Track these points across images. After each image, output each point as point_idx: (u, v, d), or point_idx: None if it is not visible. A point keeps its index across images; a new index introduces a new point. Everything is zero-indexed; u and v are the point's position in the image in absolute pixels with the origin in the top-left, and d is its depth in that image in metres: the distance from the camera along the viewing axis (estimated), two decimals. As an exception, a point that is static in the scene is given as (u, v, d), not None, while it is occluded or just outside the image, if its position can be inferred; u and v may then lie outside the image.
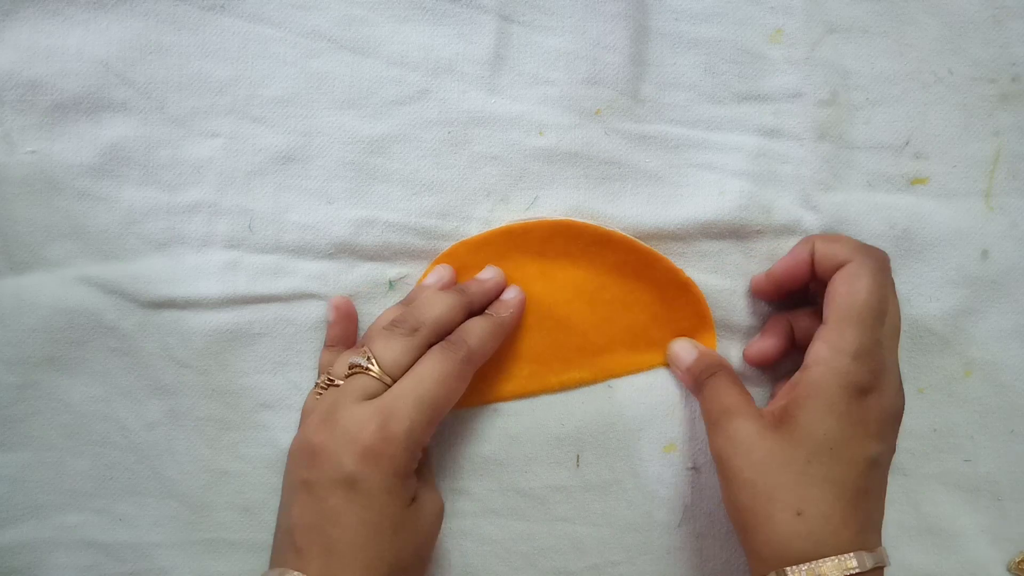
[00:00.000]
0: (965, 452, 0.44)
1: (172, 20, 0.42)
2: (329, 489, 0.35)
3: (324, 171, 0.43)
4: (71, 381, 0.42)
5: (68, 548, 0.42)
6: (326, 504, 0.35)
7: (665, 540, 0.43)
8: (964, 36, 0.44)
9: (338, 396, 0.37)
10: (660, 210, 0.43)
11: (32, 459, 0.42)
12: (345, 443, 0.35)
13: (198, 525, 0.43)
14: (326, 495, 0.35)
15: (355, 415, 0.35)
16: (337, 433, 0.35)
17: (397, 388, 0.36)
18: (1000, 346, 0.44)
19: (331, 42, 0.43)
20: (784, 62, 0.43)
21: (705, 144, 0.43)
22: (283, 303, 0.42)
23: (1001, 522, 0.43)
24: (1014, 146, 0.44)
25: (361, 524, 0.34)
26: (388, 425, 0.35)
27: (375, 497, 0.34)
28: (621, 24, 0.43)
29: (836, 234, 0.42)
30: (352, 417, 0.35)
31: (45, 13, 0.42)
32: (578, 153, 0.43)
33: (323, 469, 0.35)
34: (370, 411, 0.35)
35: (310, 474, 0.35)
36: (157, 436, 0.42)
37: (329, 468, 0.35)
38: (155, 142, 0.42)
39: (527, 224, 0.42)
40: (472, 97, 0.43)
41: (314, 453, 0.36)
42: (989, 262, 0.44)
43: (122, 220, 0.42)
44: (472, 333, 0.39)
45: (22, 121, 0.42)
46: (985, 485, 0.44)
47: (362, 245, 0.42)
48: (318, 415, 0.37)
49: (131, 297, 0.42)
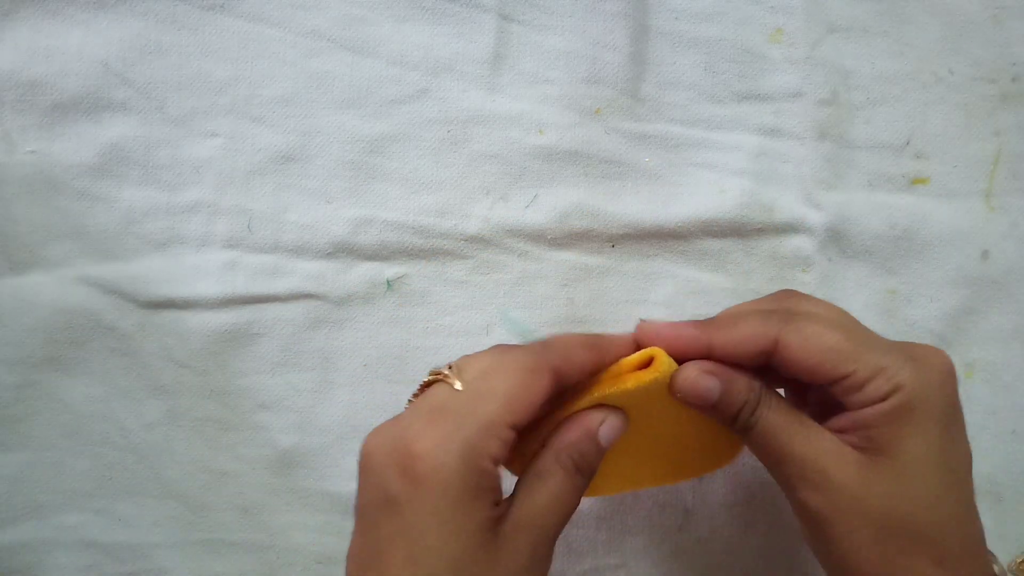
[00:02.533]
0: (966, 453, 0.44)
1: (172, 20, 0.42)
2: (375, 515, 0.29)
3: (323, 170, 0.43)
4: (71, 381, 0.42)
5: (68, 548, 0.42)
6: (375, 534, 0.29)
7: (665, 544, 0.43)
8: (964, 36, 0.44)
9: (408, 406, 0.32)
10: (660, 208, 0.43)
11: (32, 459, 0.42)
12: (390, 456, 0.29)
13: (197, 525, 0.43)
14: (374, 522, 0.29)
15: (408, 424, 0.29)
16: (386, 445, 0.29)
17: (463, 393, 0.30)
18: (1001, 346, 0.44)
19: (331, 42, 0.43)
20: (784, 62, 0.43)
21: (705, 143, 0.43)
22: (282, 303, 0.42)
23: (1001, 522, 0.43)
24: (1015, 146, 0.44)
25: (407, 560, 0.28)
26: (441, 434, 0.28)
27: (424, 526, 0.28)
28: (621, 23, 0.43)
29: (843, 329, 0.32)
30: (404, 426, 0.29)
31: (45, 13, 0.42)
32: (578, 152, 0.43)
33: (368, 489, 0.29)
34: (424, 419, 0.29)
35: (360, 496, 0.30)
36: (156, 436, 0.42)
37: (374, 488, 0.29)
38: (155, 142, 0.42)
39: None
40: (472, 96, 0.43)
41: (362, 470, 0.30)
42: (990, 262, 0.44)
43: (122, 220, 0.42)
44: (560, 340, 0.33)
45: (22, 121, 0.42)
46: (986, 485, 0.44)
47: (361, 244, 0.42)
48: (378, 427, 0.31)
49: (130, 297, 0.42)
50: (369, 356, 0.43)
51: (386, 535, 0.28)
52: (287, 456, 0.43)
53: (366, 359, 0.43)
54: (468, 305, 0.43)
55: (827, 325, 0.31)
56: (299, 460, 0.43)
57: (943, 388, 0.30)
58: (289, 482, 0.43)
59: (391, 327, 0.43)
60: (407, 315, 0.43)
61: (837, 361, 0.30)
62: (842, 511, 0.30)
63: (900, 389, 0.30)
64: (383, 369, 0.43)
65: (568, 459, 0.31)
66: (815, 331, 0.31)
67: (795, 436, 0.31)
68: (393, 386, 0.43)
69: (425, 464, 0.28)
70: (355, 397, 0.43)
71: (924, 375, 0.30)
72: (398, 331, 0.43)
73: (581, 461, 0.31)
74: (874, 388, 0.30)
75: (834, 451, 0.31)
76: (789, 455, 0.31)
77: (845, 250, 0.43)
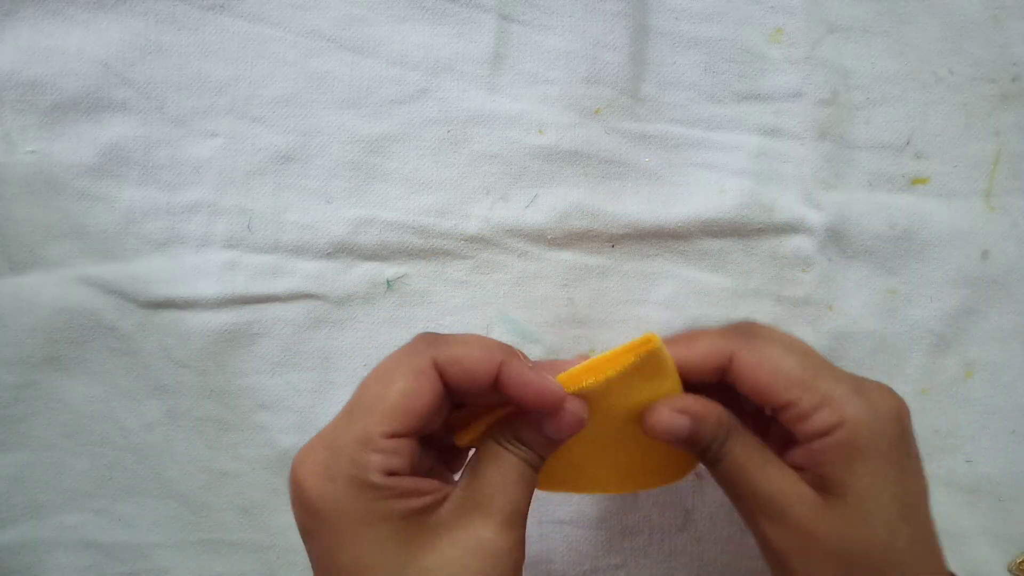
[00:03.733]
0: (966, 453, 0.44)
1: (172, 20, 0.42)
2: (303, 539, 0.30)
3: (323, 170, 0.43)
4: (71, 381, 0.42)
5: (68, 548, 0.42)
6: (309, 555, 0.30)
7: (665, 544, 0.43)
8: (965, 36, 0.44)
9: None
10: (660, 208, 0.43)
11: (32, 459, 0.42)
12: (292, 489, 0.30)
13: (197, 525, 0.43)
14: (305, 546, 0.30)
15: (303, 454, 0.30)
16: (291, 477, 0.30)
17: (345, 412, 0.30)
18: (1001, 346, 0.44)
19: (331, 42, 0.43)
20: (784, 62, 0.43)
21: (705, 143, 0.43)
22: (282, 303, 0.42)
23: (1002, 523, 0.43)
24: (1015, 146, 0.44)
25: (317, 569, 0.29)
26: (321, 462, 0.29)
27: (335, 548, 0.28)
28: (621, 23, 0.43)
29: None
30: (300, 458, 0.30)
31: (45, 13, 0.42)
32: (578, 152, 0.43)
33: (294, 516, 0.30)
34: (314, 445, 0.30)
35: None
36: (156, 436, 0.42)
37: (295, 516, 0.30)
38: (155, 142, 0.42)
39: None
40: (472, 96, 0.43)
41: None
42: (990, 262, 0.44)
43: (122, 220, 0.42)
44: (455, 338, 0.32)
45: (22, 121, 0.42)
46: (986, 486, 0.44)
47: (361, 244, 0.42)
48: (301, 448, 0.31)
49: (130, 297, 0.42)
50: (369, 356, 0.43)
51: (313, 557, 0.29)
52: (287, 456, 0.43)
53: (366, 359, 0.43)
54: (468, 305, 0.43)
55: (784, 349, 0.32)
56: (299, 460, 0.43)
57: (891, 425, 0.31)
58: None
59: (391, 327, 0.43)
60: (407, 315, 0.43)
61: (787, 384, 0.31)
62: (801, 548, 0.31)
63: (843, 424, 0.30)
64: (383, 369, 0.43)
65: (514, 439, 0.31)
66: (771, 353, 0.32)
67: (759, 473, 0.32)
68: (393, 386, 0.43)
69: (313, 496, 0.28)
70: (355, 397, 0.43)
71: (870, 412, 0.31)
72: (398, 331, 0.43)
73: (526, 441, 0.31)
74: (820, 419, 0.31)
75: (793, 490, 0.31)
76: (753, 492, 0.32)
77: (845, 250, 0.43)
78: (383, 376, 0.30)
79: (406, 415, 0.28)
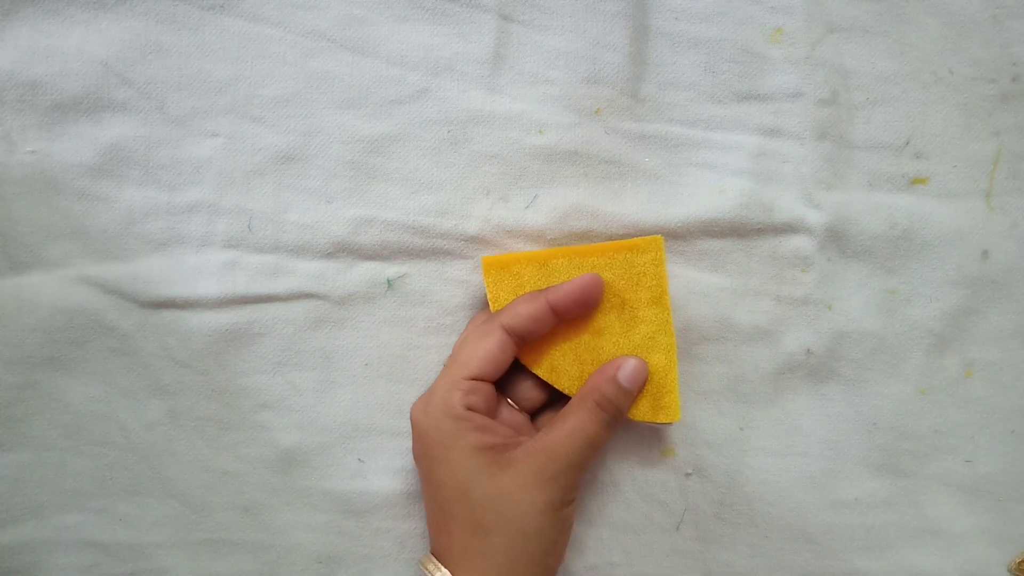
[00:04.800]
0: (966, 453, 0.44)
1: (172, 20, 0.42)
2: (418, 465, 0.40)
3: (323, 170, 0.43)
4: (71, 381, 0.42)
5: (68, 548, 0.42)
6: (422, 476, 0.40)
7: (664, 543, 0.43)
8: (964, 36, 0.44)
9: None
10: (660, 208, 0.43)
11: (32, 459, 0.42)
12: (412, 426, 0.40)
13: (198, 525, 0.43)
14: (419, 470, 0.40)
15: (417, 402, 0.40)
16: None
17: (445, 368, 0.40)
18: (1001, 346, 0.44)
19: (331, 42, 0.43)
20: (784, 62, 0.43)
21: (705, 143, 0.43)
22: (282, 303, 0.42)
23: (1001, 522, 0.43)
24: (1014, 146, 0.44)
25: (438, 480, 0.38)
26: (423, 402, 0.39)
27: (438, 459, 0.38)
28: (621, 23, 0.43)
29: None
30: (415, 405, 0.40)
31: (45, 13, 0.42)
32: (578, 152, 0.43)
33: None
34: (423, 395, 0.40)
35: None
36: (157, 436, 0.42)
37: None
38: (155, 142, 0.42)
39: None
40: (472, 96, 0.43)
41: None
42: (989, 262, 0.44)
43: (122, 220, 0.42)
44: (512, 306, 0.39)
45: (22, 121, 0.42)
46: (986, 486, 0.44)
47: (361, 244, 0.42)
48: None
49: (131, 297, 0.42)
50: (370, 355, 0.43)
51: (421, 476, 0.40)
52: (288, 456, 0.43)
53: (367, 358, 0.43)
54: (468, 305, 0.43)
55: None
56: (300, 460, 0.43)
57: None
58: (290, 482, 0.43)
59: (392, 326, 0.43)
60: (408, 315, 0.43)
61: None
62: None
63: None
64: (384, 368, 0.43)
65: (590, 399, 0.38)
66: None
67: None
68: (394, 385, 0.43)
69: (416, 426, 0.39)
70: (356, 396, 0.43)
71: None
72: (399, 330, 0.43)
73: (602, 400, 0.38)
74: None
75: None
76: None
77: (845, 250, 0.43)
78: (464, 341, 0.40)
79: (480, 362, 0.38)
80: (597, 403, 0.38)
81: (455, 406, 0.37)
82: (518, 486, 0.36)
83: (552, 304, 0.39)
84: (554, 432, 0.37)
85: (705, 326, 0.43)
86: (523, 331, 0.39)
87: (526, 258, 0.41)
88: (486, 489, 0.36)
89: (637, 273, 0.40)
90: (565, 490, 0.37)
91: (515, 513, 0.36)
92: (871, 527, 0.43)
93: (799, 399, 0.43)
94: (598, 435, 0.38)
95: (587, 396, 0.38)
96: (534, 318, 0.39)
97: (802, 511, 0.43)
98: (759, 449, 0.43)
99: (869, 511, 0.43)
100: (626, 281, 0.40)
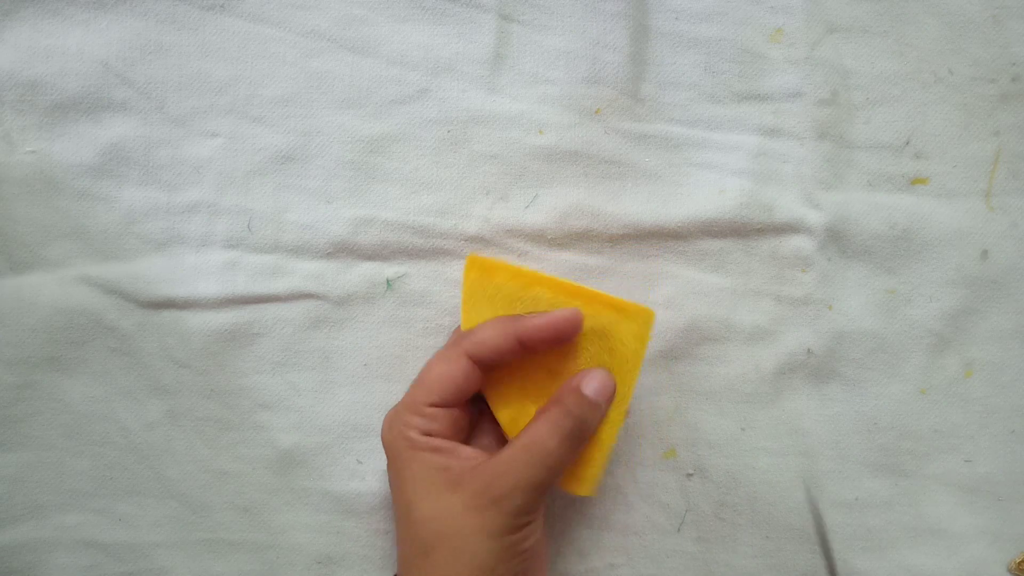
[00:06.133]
0: (966, 452, 0.44)
1: (172, 20, 0.42)
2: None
3: (323, 170, 0.43)
4: (71, 381, 0.42)
5: (68, 548, 0.42)
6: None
7: (665, 544, 0.43)
8: (964, 36, 0.44)
9: None
10: (660, 208, 0.43)
11: (32, 459, 0.42)
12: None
13: (198, 525, 0.43)
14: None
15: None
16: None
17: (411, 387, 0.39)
18: (1000, 346, 0.44)
19: (331, 42, 0.43)
20: (784, 62, 0.44)
21: (705, 143, 0.43)
22: (282, 303, 0.42)
23: (1001, 522, 0.43)
24: (1014, 146, 0.44)
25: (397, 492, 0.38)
26: (387, 419, 0.38)
27: (393, 473, 0.37)
28: (621, 23, 0.43)
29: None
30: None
31: (45, 13, 0.42)
32: (578, 152, 0.43)
33: None
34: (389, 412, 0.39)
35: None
36: (157, 436, 0.42)
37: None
38: (155, 142, 0.42)
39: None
40: (472, 96, 0.43)
41: None
42: (989, 262, 0.44)
43: (122, 220, 0.42)
44: (478, 328, 0.37)
45: (22, 121, 0.42)
46: (985, 485, 0.44)
47: (361, 244, 0.42)
48: None
49: (130, 297, 0.42)
50: (369, 356, 0.43)
51: (391, 488, 0.38)
52: (287, 456, 0.43)
53: (366, 359, 0.43)
54: (468, 305, 0.43)
55: None
56: (299, 460, 0.43)
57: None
58: (289, 482, 0.43)
59: (391, 327, 0.43)
60: (407, 315, 0.43)
61: None
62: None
63: None
64: (383, 369, 0.43)
65: (552, 411, 0.36)
66: None
67: None
68: (393, 385, 0.43)
69: (384, 442, 0.38)
70: (356, 397, 0.43)
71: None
72: (398, 331, 0.43)
73: (563, 413, 0.35)
74: None
75: None
76: None
77: (845, 250, 0.44)
78: (431, 364, 0.38)
79: (441, 389, 0.36)
80: (560, 416, 0.35)
81: (411, 430, 0.36)
82: (462, 507, 0.34)
83: (520, 336, 0.36)
84: (507, 449, 0.35)
85: (705, 326, 0.43)
86: (486, 360, 0.36)
87: (512, 272, 0.38)
88: (430, 509, 0.35)
89: (617, 336, 0.38)
90: (510, 514, 0.34)
91: (455, 537, 0.34)
92: (871, 527, 0.43)
93: (799, 399, 0.43)
94: (554, 452, 0.35)
95: (548, 409, 0.36)
96: (499, 349, 0.36)
97: (803, 511, 0.43)
98: (760, 449, 0.43)
99: (869, 511, 0.43)
100: (602, 340, 0.38)
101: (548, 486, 0.35)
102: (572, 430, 0.35)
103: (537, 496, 0.34)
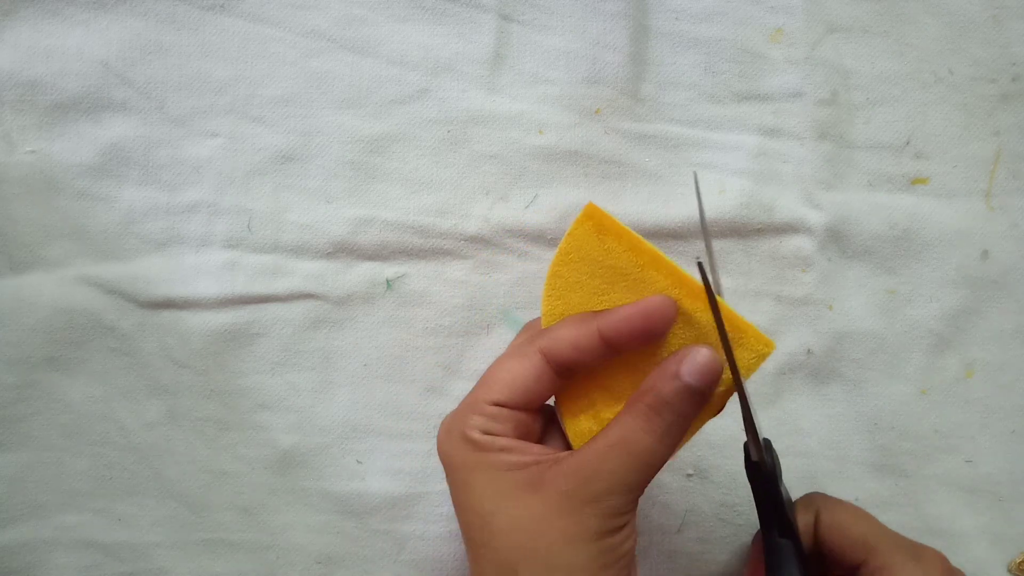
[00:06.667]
0: (966, 453, 0.44)
1: (172, 20, 0.42)
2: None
3: (323, 170, 0.43)
4: (71, 381, 0.42)
5: (68, 548, 0.42)
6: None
7: (665, 544, 0.43)
8: (964, 36, 0.44)
9: None
10: (660, 208, 0.43)
11: (32, 459, 0.42)
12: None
13: (197, 525, 0.43)
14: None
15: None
16: None
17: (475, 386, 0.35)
18: (1001, 346, 0.44)
19: (331, 42, 0.43)
20: (784, 62, 0.44)
21: (705, 143, 0.43)
22: (281, 303, 0.42)
23: (1002, 522, 0.43)
24: (1014, 146, 0.44)
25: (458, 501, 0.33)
26: (447, 422, 0.34)
27: (457, 481, 0.33)
28: (621, 23, 0.43)
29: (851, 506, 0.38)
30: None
31: (45, 13, 0.42)
32: (578, 152, 0.43)
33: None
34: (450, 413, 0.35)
35: None
36: (156, 436, 0.42)
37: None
38: (155, 142, 0.42)
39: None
40: (472, 96, 0.43)
41: None
42: (989, 262, 0.44)
43: (122, 220, 0.42)
44: (556, 327, 0.33)
45: (22, 121, 0.42)
46: (986, 485, 0.44)
47: (361, 244, 0.42)
48: None
49: (130, 297, 0.42)
50: (369, 356, 0.43)
51: (451, 496, 0.34)
52: (287, 456, 0.43)
53: (366, 359, 0.43)
54: (468, 305, 0.43)
55: (854, 516, 0.37)
56: (299, 460, 0.43)
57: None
58: (289, 482, 0.43)
59: (391, 327, 0.43)
60: (407, 315, 0.43)
61: (853, 548, 0.36)
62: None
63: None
64: (383, 369, 0.43)
65: (641, 403, 0.31)
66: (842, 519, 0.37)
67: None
68: (393, 386, 0.43)
69: (440, 448, 0.34)
70: (355, 397, 0.43)
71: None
72: (398, 331, 0.43)
73: (657, 402, 0.31)
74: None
75: None
76: None
77: (845, 250, 0.43)
78: (499, 360, 0.34)
79: (505, 387, 0.32)
80: (650, 407, 0.31)
81: (472, 430, 0.32)
82: (547, 511, 0.30)
83: (603, 331, 0.31)
84: (594, 445, 0.31)
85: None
86: (563, 358, 0.32)
87: (631, 242, 0.32)
88: (509, 519, 0.31)
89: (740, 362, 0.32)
90: (605, 516, 0.30)
91: (544, 548, 0.30)
92: (871, 527, 0.43)
93: (800, 399, 0.43)
94: (649, 448, 0.31)
95: (639, 399, 0.31)
96: (579, 346, 0.32)
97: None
98: (759, 449, 0.43)
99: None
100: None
101: (646, 485, 0.31)
102: (668, 426, 0.31)
103: (635, 495, 0.31)
